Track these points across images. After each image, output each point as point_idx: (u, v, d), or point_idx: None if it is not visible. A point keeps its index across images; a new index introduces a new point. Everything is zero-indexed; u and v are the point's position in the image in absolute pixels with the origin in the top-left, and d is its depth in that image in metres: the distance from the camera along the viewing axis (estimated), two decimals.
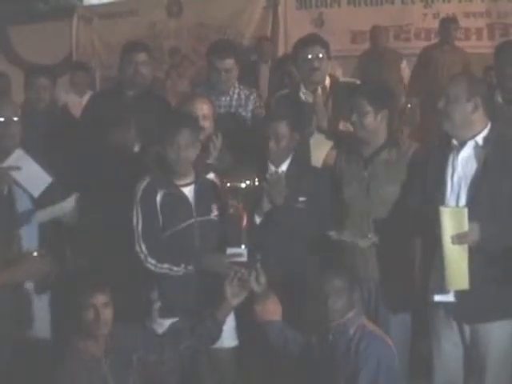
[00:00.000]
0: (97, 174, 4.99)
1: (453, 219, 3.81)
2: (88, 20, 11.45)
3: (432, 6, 10.13)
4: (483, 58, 8.25)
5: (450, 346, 4.10)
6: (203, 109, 4.80)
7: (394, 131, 4.61)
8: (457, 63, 8.80)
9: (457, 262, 3.84)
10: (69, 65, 10.31)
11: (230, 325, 4.36)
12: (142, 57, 5.39)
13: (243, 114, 5.32)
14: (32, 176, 4.49)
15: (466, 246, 3.83)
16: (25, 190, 4.50)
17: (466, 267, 3.84)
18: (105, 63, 11.20)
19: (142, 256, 4.31)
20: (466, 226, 3.79)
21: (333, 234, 4.35)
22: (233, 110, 5.32)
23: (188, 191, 4.40)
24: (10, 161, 4.45)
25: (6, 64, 10.69)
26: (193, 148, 4.35)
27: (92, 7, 11.72)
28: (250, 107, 5.32)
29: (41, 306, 4.61)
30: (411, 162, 4.42)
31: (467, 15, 9.97)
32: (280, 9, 10.75)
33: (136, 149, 5.07)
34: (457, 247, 3.83)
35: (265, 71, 9.33)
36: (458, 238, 3.82)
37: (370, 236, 4.36)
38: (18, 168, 4.43)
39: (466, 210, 3.81)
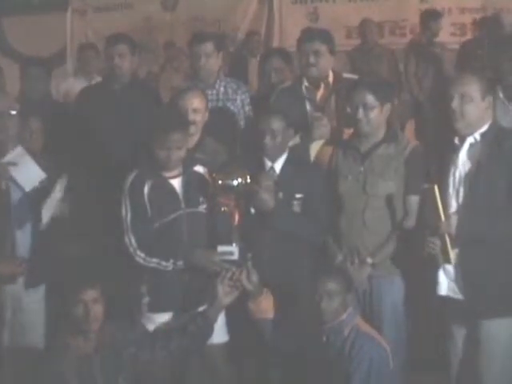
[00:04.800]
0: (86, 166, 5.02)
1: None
2: (82, 13, 11.39)
3: (428, 1, 10.10)
4: None
5: (462, 341, 4.16)
6: (193, 102, 4.75)
7: (393, 126, 4.58)
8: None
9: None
10: (63, 57, 10.28)
11: (220, 320, 4.33)
12: (119, 49, 5.32)
13: (231, 107, 5.27)
14: (27, 173, 4.60)
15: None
16: (18, 186, 4.54)
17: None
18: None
19: (131, 249, 4.31)
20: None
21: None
22: (220, 103, 5.26)
23: (176, 183, 4.39)
24: (10, 157, 4.57)
25: (0, 56, 10.66)
26: (183, 147, 4.36)
27: (86, 0, 11.66)
28: (239, 101, 5.28)
29: (34, 300, 4.63)
30: (409, 159, 4.40)
31: (462, 11, 9.96)
32: (275, 3, 10.73)
33: None
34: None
35: (254, 65, 9.27)
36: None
37: (368, 260, 4.36)
38: (14, 164, 4.53)
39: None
